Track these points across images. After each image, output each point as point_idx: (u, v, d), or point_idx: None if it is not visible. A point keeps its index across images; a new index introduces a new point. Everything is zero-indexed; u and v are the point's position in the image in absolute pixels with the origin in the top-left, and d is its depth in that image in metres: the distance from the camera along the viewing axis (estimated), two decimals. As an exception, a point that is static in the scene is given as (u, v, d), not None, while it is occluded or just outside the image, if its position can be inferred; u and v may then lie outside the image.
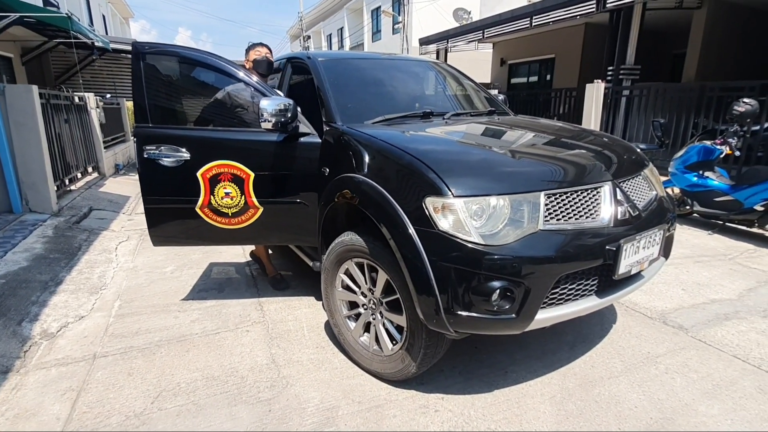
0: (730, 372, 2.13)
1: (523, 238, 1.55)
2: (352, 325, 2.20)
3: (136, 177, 8.15)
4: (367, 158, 1.96)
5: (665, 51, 11.21)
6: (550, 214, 1.62)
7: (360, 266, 2.05)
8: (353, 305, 2.19)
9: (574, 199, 1.69)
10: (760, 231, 4.16)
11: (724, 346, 2.36)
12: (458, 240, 1.53)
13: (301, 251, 2.82)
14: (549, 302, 1.61)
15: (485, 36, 9.83)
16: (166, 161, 2.34)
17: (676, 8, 8.00)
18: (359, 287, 2.09)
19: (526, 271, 1.52)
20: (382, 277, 1.90)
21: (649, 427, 1.77)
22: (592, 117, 7.51)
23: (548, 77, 12.52)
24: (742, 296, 2.96)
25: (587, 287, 1.71)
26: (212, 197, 2.39)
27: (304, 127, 2.37)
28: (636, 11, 7.26)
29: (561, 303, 1.65)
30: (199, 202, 2.39)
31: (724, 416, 1.83)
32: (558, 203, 1.65)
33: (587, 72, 10.91)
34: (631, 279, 1.84)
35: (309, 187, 2.39)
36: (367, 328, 2.12)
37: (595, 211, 1.72)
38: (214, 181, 2.36)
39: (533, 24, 8.44)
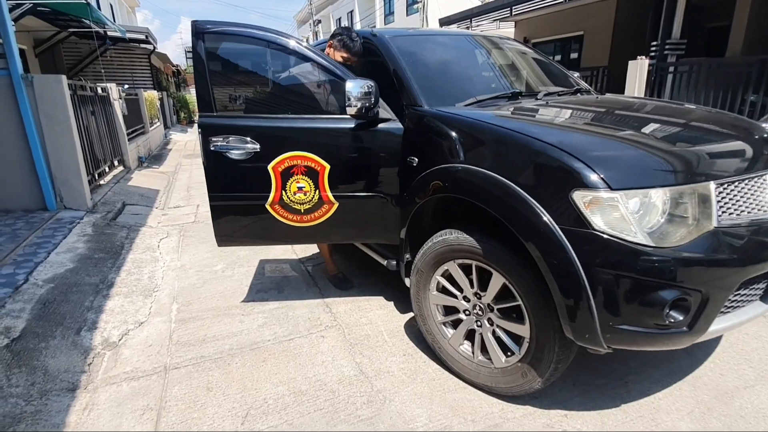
0: None
1: (699, 237, 1.30)
2: (449, 332, 1.98)
3: (161, 169, 8.05)
4: (477, 146, 1.71)
5: (700, 25, 10.63)
6: (722, 207, 1.37)
7: (464, 268, 1.82)
8: (450, 310, 1.97)
9: (744, 189, 1.43)
10: None
11: None
12: (621, 241, 1.28)
13: (369, 248, 2.59)
14: (723, 311, 1.37)
15: (513, 14, 9.36)
16: (235, 154, 2.11)
17: (721, -25, 7.48)
18: (461, 291, 1.87)
19: (707, 277, 1.28)
20: (496, 280, 1.67)
21: (815, 449, 1.54)
22: (633, 95, 7.11)
23: (573, 56, 12.00)
24: None
25: (756, 291, 1.46)
26: (284, 192, 2.16)
27: (384, 112, 2.12)
28: (684, -21, 6.78)
29: (731, 311, 1.41)
30: (270, 198, 2.17)
31: None
32: (729, 195, 1.40)
33: (619, 49, 10.40)
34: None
35: (389, 179, 2.15)
36: (468, 335, 1.91)
37: (766, 203, 1.46)
38: (286, 174, 2.13)
39: (568, -2, 7.97)
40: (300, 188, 2.16)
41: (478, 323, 1.83)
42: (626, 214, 1.29)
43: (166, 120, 14.31)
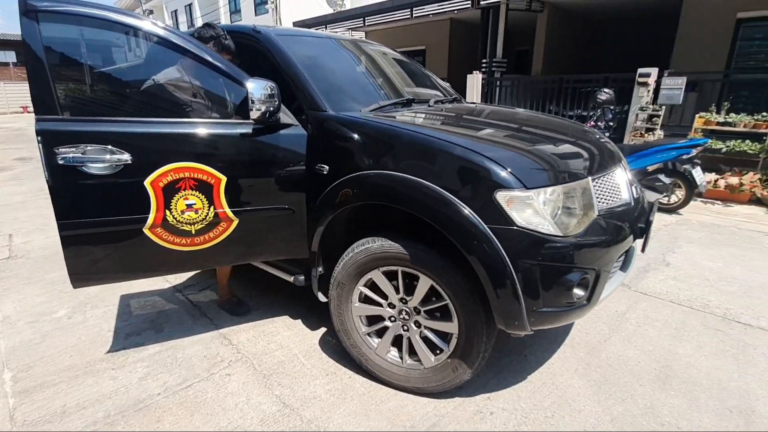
0: (678, 316, 2.57)
1: (589, 224, 1.56)
2: (374, 342, 1.94)
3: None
4: (398, 153, 1.70)
5: (511, 48, 12.97)
6: (597, 198, 1.66)
7: (389, 275, 1.81)
8: (374, 319, 1.94)
9: (605, 182, 1.77)
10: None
11: (659, 294, 2.84)
12: (538, 233, 1.45)
13: (271, 265, 2.37)
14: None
15: (366, 24, 9.83)
16: (96, 168, 1.67)
17: (525, 10, 9.24)
18: (386, 298, 1.85)
19: (598, 256, 1.54)
20: (424, 283, 1.71)
21: (656, 376, 2.01)
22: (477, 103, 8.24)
23: (420, 67, 13.27)
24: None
25: (618, 263, 1.82)
26: (168, 212, 1.80)
27: (286, 116, 1.96)
28: (502, 10, 8.14)
29: (608, 282, 1.72)
30: (150, 221, 1.79)
31: (695, 352, 2.20)
32: (599, 188, 1.71)
33: (455, 64, 11.94)
34: (632, 251, 2.03)
35: (296, 189, 2.00)
36: (395, 342, 1.91)
37: (620, 193, 1.83)
38: (170, 190, 1.78)
39: (414, 15, 8.75)
40: (190, 206, 1.84)
41: (405, 328, 1.85)
42: (539, 209, 1.46)
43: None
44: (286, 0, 13.84)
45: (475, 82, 8.08)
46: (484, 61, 8.56)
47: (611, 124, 5.17)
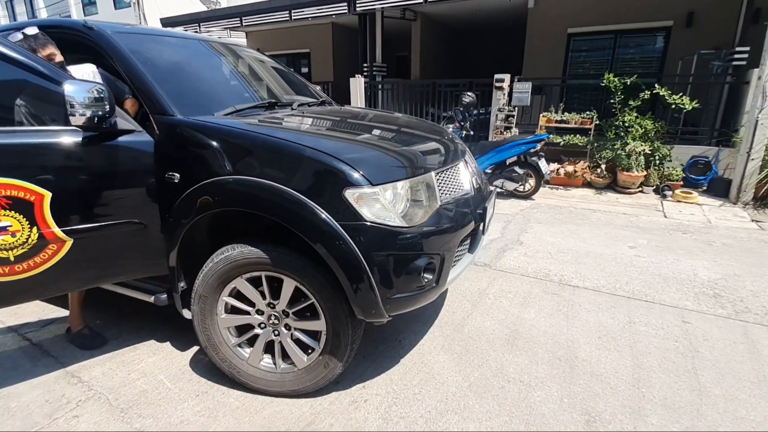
0: (526, 286, 3.01)
1: (432, 214, 1.73)
2: (246, 352, 1.89)
3: None
4: (249, 157, 1.68)
5: (392, 53, 13.64)
6: (440, 190, 1.85)
7: (253, 281, 1.77)
8: (243, 329, 1.89)
9: (448, 176, 1.98)
10: (492, 187, 5.83)
11: (513, 270, 3.28)
12: (386, 227, 1.56)
13: (126, 286, 2.14)
14: (453, 265, 1.86)
15: (243, 24, 9.40)
16: None
17: (400, 18, 9.80)
18: (253, 306, 1.82)
19: (442, 243, 1.71)
20: (288, 285, 1.72)
21: (507, 340, 2.33)
22: (358, 106, 8.47)
23: (304, 70, 13.16)
24: (503, 233, 4.14)
25: (465, 247, 2.06)
26: (-28, 239, 1.52)
27: (124, 122, 1.79)
28: (378, 17, 8.51)
29: (456, 264, 1.93)
30: (-55, 251, 1.48)
31: (537, 315, 2.60)
32: (442, 181, 1.90)
33: (340, 67, 12.12)
34: (480, 235, 2.31)
35: (143, 201, 1.85)
36: (267, 348, 1.88)
37: (462, 184, 2.07)
38: (-28, 213, 1.50)
39: (293, 18, 8.64)
40: (3, 228, 1.57)
41: (276, 332, 1.83)
42: (385, 203, 1.58)
43: None
44: (149, -7, 12.48)
45: (357, 85, 8.30)
46: (365, 65, 8.85)
47: (464, 123, 5.81)
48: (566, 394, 1.91)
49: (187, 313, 1.99)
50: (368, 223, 1.54)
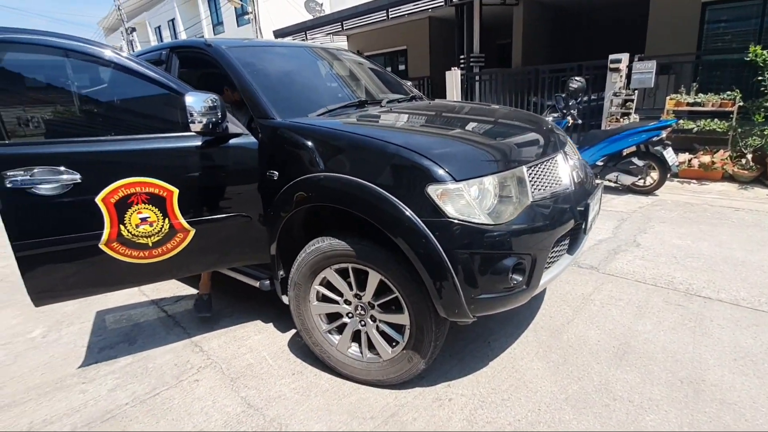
0: (642, 294, 2.63)
1: (523, 211, 1.61)
2: (335, 338, 1.99)
3: None
4: (337, 154, 1.76)
5: (492, 42, 13.07)
6: (533, 185, 1.71)
7: (341, 272, 1.85)
8: (333, 317, 1.99)
9: (544, 169, 1.82)
10: (604, 181, 5.23)
11: (626, 275, 2.90)
12: (471, 224, 1.50)
13: (237, 272, 2.41)
14: (546, 266, 1.72)
15: (344, 28, 9.89)
16: (45, 189, 1.71)
17: (500, 4, 9.31)
18: (341, 295, 1.90)
19: (533, 243, 1.59)
20: (373, 278, 1.75)
21: (614, 353, 2.07)
22: (454, 99, 8.31)
23: (401, 67, 13.36)
24: (615, 233, 3.68)
25: (563, 247, 1.87)
26: (123, 227, 1.85)
27: (234, 126, 2.00)
28: (476, 6, 8.21)
29: (551, 266, 1.77)
30: (105, 236, 1.83)
31: (654, 328, 2.26)
32: (536, 175, 1.76)
33: (436, 61, 12.01)
34: (582, 235, 2.08)
35: (250, 196, 2.05)
36: (354, 337, 1.95)
37: (559, 178, 1.89)
38: (123, 205, 1.83)
39: (390, 16, 8.81)
40: (144, 219, 1.88)
41: (362, 323, 1.89)
42: (470, 200, 1.51)
43: None
44: (265, 10, 13.92)
45: (453, 78, 8.15)
46: (462, 56, 8.63)
47: (569, 111, 5.24)
48: (687, 422, 1.63)
49: (285, 299, 2.17)
50: (452, 220, 1.49)
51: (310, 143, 1.85)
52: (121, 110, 1.96)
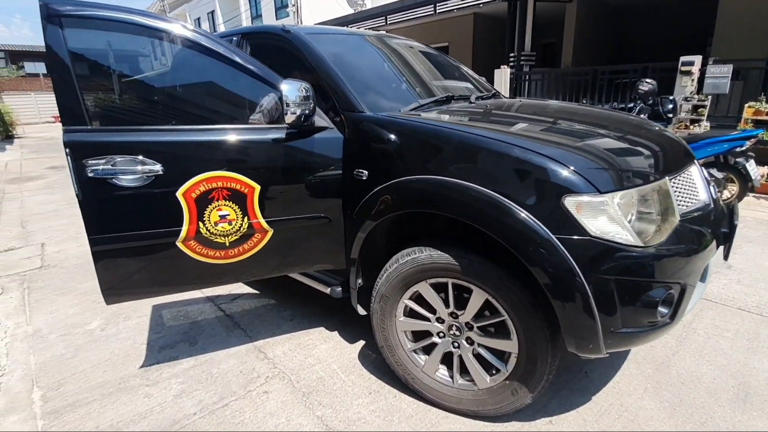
0: (748, 324, 2.33)
1: (672, 231, 1.37)
2: (421, 359, 1.80)
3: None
4: (446, 156, 1.55)
5: (535, 40, 12.61)
6: (676, 200, 1.47)
7: (437, 287, 1.66)
8: (420, 335, 1.79)
9: (683, 182, 1.57)
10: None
11: (725, 301, 2.59)
12: (616, 245, 1.27)
13: (305, 276, 2.25)
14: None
15: (387, 22, 9.68)
16: (126, 180, 1.58)
17: (554, 1, 8.90)
18: (434, 312, 1.70)
19: (684, 269, 1.35)
20: (477, 297, 1.55)
21: (735, 394, 1.80)
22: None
23: (441, 64, 13.03)
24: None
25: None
26: (201, 224, 1.71)
27: (320, 119, 1.83)
28: (530, 1, 7.85)
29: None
30: (183, 234, 1.69)
31: (779, 370, 1.96)
32: (677, 189, 1.51)
33: (479, 59, 11.66)
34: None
35: (332, 196, 1.88)
36: (444, 359, 1.75)
37: (698, 193, 1.63)
38: (203, 201, 1.68)
39: (437, 11, 8.55)
40: (223, 217, 1.73)
41: (456, 344, 1.69)
42: (614, 215, 1.28)
43: (-28, 136, 11.07)
44: (306, 2, 13.84)
45: (503, 76, 7.83)
46: (512, 54, 8.29)
47: (670, 115, 4.82)
48: None
49: (361, 310, 1.99)
50: (593, 239, 1.27)
51: (409, 141, 1.65)
52: (204, 98, 1.81)
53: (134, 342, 2.37)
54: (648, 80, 5.06)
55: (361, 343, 2.27)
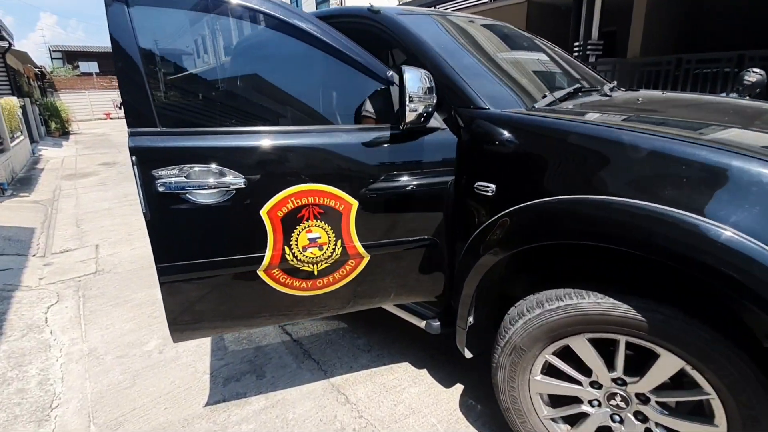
0: None
1: None
2: (561, 429, 1.39)
3: (33, 197, 6.20)
4: (626, 168, 1.12)
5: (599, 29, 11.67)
6: None
7: (597, 342, 1.24)
8: (563, 400, 1.39)
9: None
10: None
11: None
12: None
13: (397, 306, 1.88)
14: None
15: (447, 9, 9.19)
16: (202, 195, 1.26)
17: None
18: (588, 374, 1.29)
19: None
20: (667, 364, 1.12)
21: None
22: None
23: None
24: None
25: None
26: (287, 249, 1.37)
27: (433, 119, 1.45)
28: (600, -14, 7.15)
29: None
30: (266, 261, 1.36)
31: None
32: None
33: (532, 49, 10.93)
34: None
35: (441, 214, 1.50)
36: (595, 433, 1.34)
37: None
38: (291, 221, 1.35)
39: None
40: (313, 240, 1.39)
41: (617, 418, 1.27)
42: None
43: (33, 133, 11.56)
44: (347, -7, 13.47)
45: (563, 68, 7.18)
46: (577, 43, 7.61)
47: None
48: None
49: (468, 353, 1.61)
50: None
51: (569, 149, 1.24)
52: (297, 93, 1.48)
53: (196, 370, 2.10)
54: (756, 70, 4.32)
55: (459, 387, 1.89)
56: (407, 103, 1.22)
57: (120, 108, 23.88)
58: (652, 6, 8.39)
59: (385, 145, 1.41)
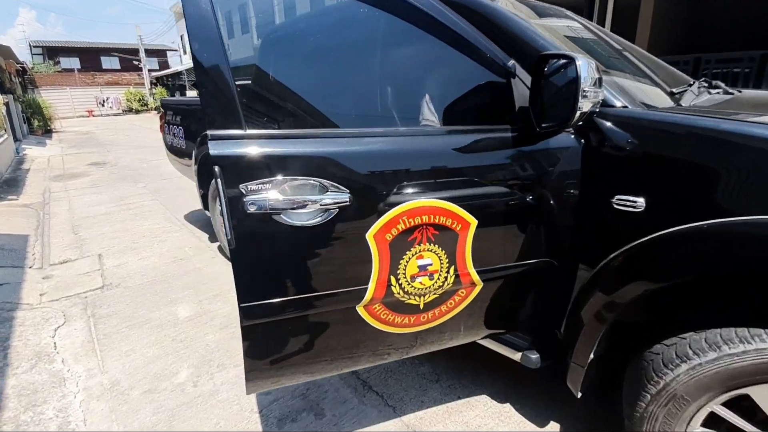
0: None
1: None
2: (722, 491, 1.17)
3: (22, 200, 5.75)
4: None
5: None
6: None
7: (788, 395, 1.02)
8: (722, 455, 1.16)
9: None
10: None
11: None
12: None
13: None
14: None
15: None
16: (299, 216, 0.99)
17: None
18: (763, 427, 1.07)
19: None
20: None
21: None
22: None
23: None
24: None
25: None
26: (394, 279, 1.11)
27: (561, 118, 1.20)
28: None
29: None
30: (368, 294, 1.10)
31: None
32: None
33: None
34: None
35: (562, 231, 1.26)
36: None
37: None
38: (400, 245, 1.09)
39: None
40: (423, 267, 1.14)
41: (808, 485, 1.05)
42: None
43: (16, 131, 10.94)
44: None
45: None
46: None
47: None
48: None
49: (575, 388, 1.38)
50: None
51: (750, 158, 1.01)
52: (408, 86, 1.21)
53: (241, 408, 1.82)
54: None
55: (555, 426, 1.65)
56: (579, 99, 0.97)
57: (103, 105, 23.02)
58: (657, 8, 8.32)
59: (508, 150, 1.17)
